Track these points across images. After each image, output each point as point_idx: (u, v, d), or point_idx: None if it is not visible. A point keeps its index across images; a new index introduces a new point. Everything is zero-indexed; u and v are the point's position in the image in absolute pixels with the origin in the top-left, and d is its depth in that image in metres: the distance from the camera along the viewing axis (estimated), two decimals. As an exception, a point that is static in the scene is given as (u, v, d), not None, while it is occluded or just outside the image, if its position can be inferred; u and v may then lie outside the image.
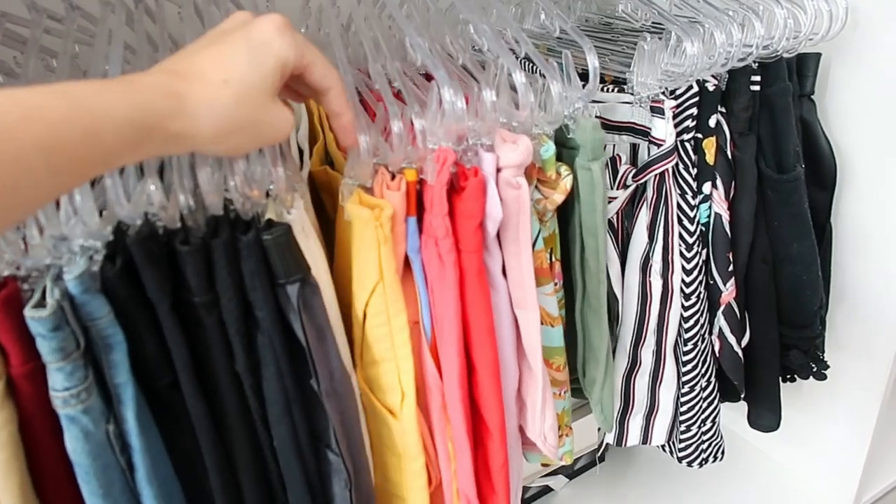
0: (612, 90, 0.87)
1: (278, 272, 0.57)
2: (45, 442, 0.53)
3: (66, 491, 0.54)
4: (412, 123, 0.65)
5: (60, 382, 0.51)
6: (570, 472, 1.30)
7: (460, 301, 0.68)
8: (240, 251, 0.56)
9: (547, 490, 1.32)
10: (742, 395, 1.11)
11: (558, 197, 0.76)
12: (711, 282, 0.97)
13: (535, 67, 0.74)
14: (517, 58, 0.75)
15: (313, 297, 0.59)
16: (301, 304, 0.57)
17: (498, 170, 0.70)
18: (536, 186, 0.76)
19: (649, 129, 0.86)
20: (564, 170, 0.76)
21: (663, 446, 1.09)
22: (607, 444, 1.09)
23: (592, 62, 0.70)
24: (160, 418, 0.59)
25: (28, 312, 0.49)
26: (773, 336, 1.03)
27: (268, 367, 0.58)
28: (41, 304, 0.50)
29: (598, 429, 1.16)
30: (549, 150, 0.74)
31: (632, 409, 1.04)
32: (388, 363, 0.67)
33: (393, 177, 0.67)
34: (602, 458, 1.32)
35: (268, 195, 0.60)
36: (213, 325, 0.57)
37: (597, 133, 0.74)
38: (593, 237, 0.79)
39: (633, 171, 0.89)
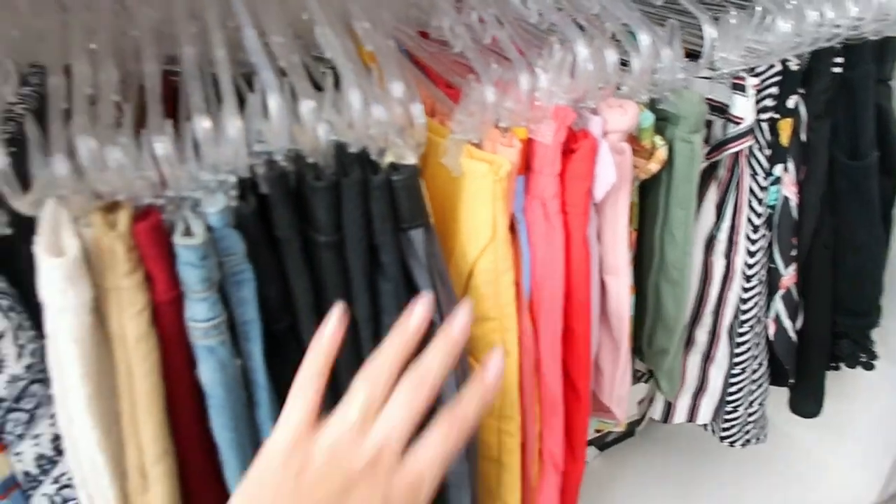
0: (688, 63, 0.86)
1: (404, 216, 0.57)
2: (177, 373, 0.52)
3: (193, 422, 0.54)
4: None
5: (203, 313, 0.50)
6: (602, 444, 1.31)
7: (566, 263, 0.68)
8: (371, 192, 0.55)
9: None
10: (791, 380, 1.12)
11: (654, 167, 0.76)
12: (772, 265, 0.98)
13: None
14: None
15: (434, 242, 0.58)
16: (427, 249, 0.57)
17: (604, 134, 0.70)
18: (629, 156, 0.76)
19: (727, 105, 0.86)
20: (659, 140, 0.76)
21: (706, 425, 1.10)
22: (649, 418, 1.10)
23: (710, 33, 0.69)
24: (271, 362, 0.58)
25: (180, 240, 0.48)
26: (827, 323, 1.04)
27: (390, 314, 0.58)
28: (187, 233, 0.49)
29: (639, 402, 1.17)
30: (648, 118, 0.74)
31: (681, 386, 1.05)
32: (493, 321, 0.67)
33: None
34: (631, 433, 1.33)
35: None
36: (335, 269, 0.57)
37: (702, 106, 0.74)
38: (684, 209, 0.79)
39: (707, 148, 0.89)
